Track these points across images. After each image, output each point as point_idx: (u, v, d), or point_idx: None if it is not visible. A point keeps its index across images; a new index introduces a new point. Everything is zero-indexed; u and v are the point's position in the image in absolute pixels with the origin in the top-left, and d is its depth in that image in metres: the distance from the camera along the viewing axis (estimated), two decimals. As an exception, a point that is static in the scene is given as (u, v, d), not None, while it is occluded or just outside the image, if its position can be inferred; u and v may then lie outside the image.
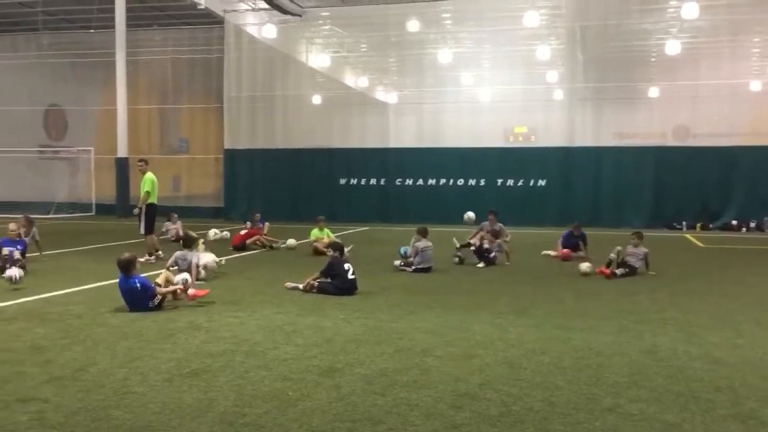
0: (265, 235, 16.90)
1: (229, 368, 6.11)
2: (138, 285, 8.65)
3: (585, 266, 12.33)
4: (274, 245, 16.43)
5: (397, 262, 12.95)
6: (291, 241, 16.56)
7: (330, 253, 10.56)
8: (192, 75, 29.66)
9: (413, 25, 25.72)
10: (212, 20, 29.28)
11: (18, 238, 12.59)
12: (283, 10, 26.08)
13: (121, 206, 26.60)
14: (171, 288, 9.17)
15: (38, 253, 13.76)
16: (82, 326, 7.78)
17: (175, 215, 19.03)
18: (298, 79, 28.55)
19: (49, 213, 26.93)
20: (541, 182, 25.13)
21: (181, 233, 17.65)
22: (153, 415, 4.91)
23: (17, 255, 11.97)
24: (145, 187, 14.35)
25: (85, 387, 5.52)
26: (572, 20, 24.75)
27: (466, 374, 6.00)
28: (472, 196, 24.08)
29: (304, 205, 25.59)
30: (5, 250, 11.97)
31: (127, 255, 8.86)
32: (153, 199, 14.46)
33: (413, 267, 12.52)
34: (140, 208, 14.38)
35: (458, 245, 14.19)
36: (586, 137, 25.08)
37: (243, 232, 16.55)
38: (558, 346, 7.03)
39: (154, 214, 14.51)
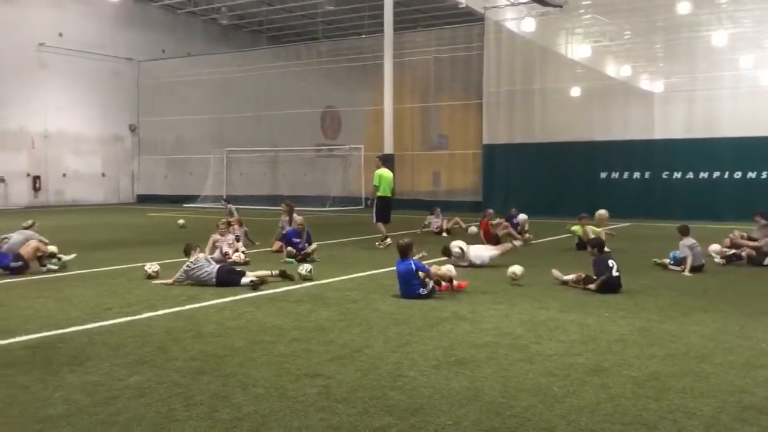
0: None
1: (493, 360, 6.24)
2: (413, 266, 9.13)
3: None
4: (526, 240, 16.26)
5: (666, 260, 12.18)
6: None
7: (590, 250, 10.31)
8: (452, 73, 30.50)
9: (684, 7, 23.96)
10: (472, 18, 29.91)
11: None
12: (544, 2, 25.81)
13: (387, 200, 28.17)
14: (441, 272, 9.57)
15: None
16: (357, 310, 8.44)
17: (438, 209, 19.66)
18: (557, 71, 28.07)
19: (325, 206, 29.40)
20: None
21: (445, 226, 18.37)
22: (424, 398, 5.19)
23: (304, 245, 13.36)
24: (374, 181, 15.95)
25: (363, 367, 6.00)
26: None
27: (752, 385, 5.50)
28: (751, 191, 21.84)
29: (561, 200, 25.09)
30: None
31: (407, 240, 9.56)
32: (382, 193, 15.84)
33: (684, 267, 11.64)
34: (371, 200, 16.22)
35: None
36: None
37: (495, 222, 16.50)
38: None
39: (384, 205, 15.94)
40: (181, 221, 21.00)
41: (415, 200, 28.48)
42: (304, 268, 10.92)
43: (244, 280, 9.99)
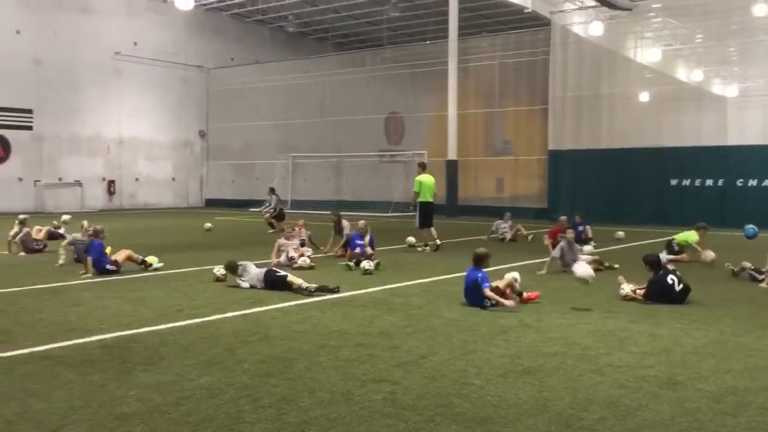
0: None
1: (561, 370, 6.12)
2: (479, 279, 9.00)
3: None
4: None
5: (747, 263, 11.68)
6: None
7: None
8: (517, 78, 30.19)
9: (760, 9, 23.09)
10: (538, 23, 29.52)
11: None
12: (613, 6, 25.27)
13: (450, 206, 28.10)
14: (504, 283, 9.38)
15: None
16: (422, 317, 8.41)
17: (508, 214, 19.35)
18: (626, 76, 27.41)
19: (388, 212, 29.47)
20: None
21: (523, 232, 18.16)
22: (491, 407, 5.13)
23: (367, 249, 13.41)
24: (414, 188, 16.46)
25: (429, 374, 5.97)
26: None
27: (837, 404, 5.24)
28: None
29: (629, 207, 24.52)
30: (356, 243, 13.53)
31: (484, 250, 9.48)
32: (423, 198, 16.22)
33: (766, 278, 11.13)
34: (413, 206, 16.76)
35: None
36: None
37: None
38: None
39: (425, 210, 16.20)
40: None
41: (479, 207, 28.30)
42: (368, 263, 11.05)
43: (301, 284, 10.05)
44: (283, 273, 10.45)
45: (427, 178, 16.41)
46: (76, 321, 8.12)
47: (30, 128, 31.59)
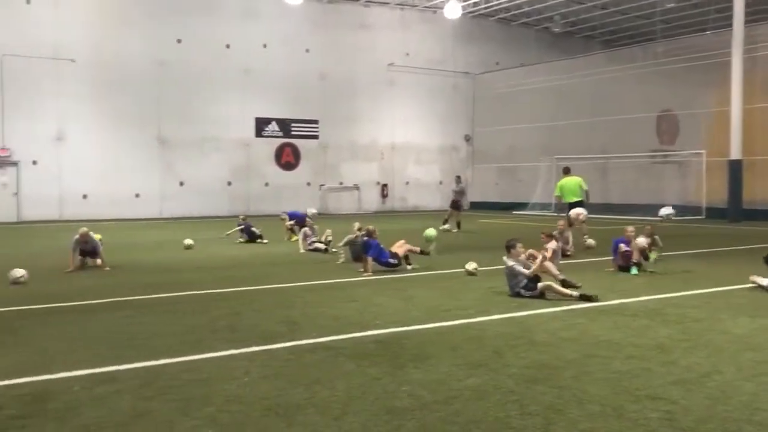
0: None
1: None
2: None
3: None
4: None
5: None
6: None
7: None
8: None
9: None
10: None
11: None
12: None
13: (733, 210, 25.61)
14: None
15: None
16: (702, 331, 7.73)
17: None
18: None
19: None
20: None
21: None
22: (789, 439, 4.55)
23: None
24: (556, 192, 18.35)
25: (712, 395, 5.45)
26: None
27: None
28: None
29: None
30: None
31: None
32: (567, 199, 17.70)
33: None
34: (557, 207, 18.92)
35: None
36: None
37: None
38: None
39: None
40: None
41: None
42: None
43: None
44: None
45: (568, 181, 17.93)
46: (354, 316, 8.74)
47: (316, 137, 35.01)
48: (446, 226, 22.14)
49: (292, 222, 19.37)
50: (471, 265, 12.25)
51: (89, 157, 29.63)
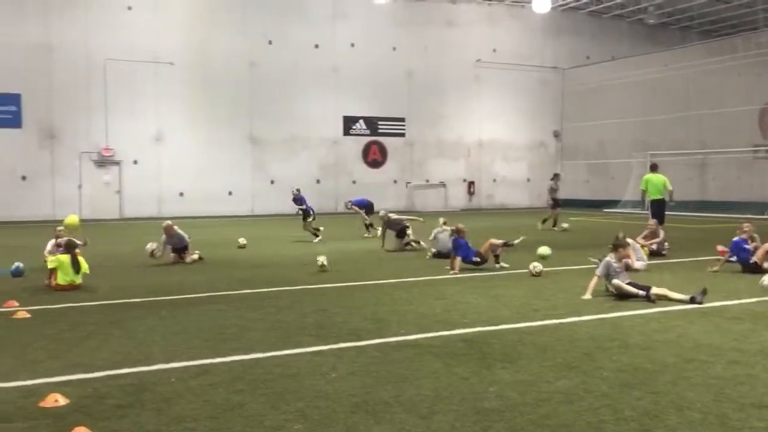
0: None
1: None
2: None
3: None
4: None
5: None
6: None
7: None
8: None
9: None
10: None
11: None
12: None
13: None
14: None
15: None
16: (812, 337, 7.28)
17: None
18: None
19: (764, 213, 26.28)
20: None
21: None
22: None
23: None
24: (641, 186, 18.12)
25: (824, 405, 5.12)
26: None
27: None
28: None
29: None
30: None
31: None
32: (652, 196, 17.59)
33: None
34: (643, 203, 18.57)
35: None
36: None
37: None
38: None
39: (657, 207, 17.43)
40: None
41: None
42: None
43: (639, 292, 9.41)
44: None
45: (655, 177, 17.76)
46: (441, 314, 8.69)
47: (403, 135, 35.08)
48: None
49: (368, 220, 20.11)
50: (536, 268, 11.81)
51: (185, 156, 30.71)
